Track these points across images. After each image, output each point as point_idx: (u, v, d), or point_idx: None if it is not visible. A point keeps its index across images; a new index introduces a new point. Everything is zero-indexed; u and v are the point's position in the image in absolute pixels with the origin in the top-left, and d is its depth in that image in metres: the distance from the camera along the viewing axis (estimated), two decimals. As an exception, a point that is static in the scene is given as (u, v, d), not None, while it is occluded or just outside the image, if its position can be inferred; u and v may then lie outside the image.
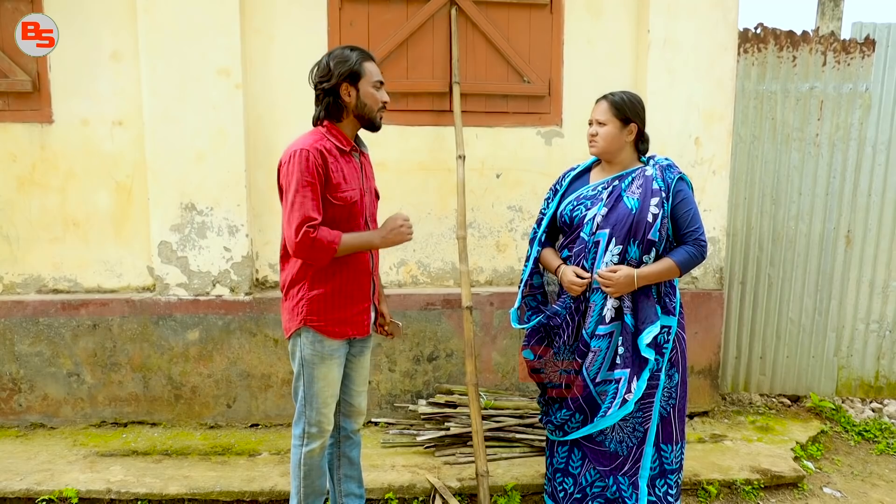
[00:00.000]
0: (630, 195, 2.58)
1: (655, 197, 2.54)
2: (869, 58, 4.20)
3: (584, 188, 2.72)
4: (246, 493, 3.11)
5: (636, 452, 2.67)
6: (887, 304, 4.45)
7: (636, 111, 2.64)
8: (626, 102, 2.63)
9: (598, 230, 2.60)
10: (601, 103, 2.66)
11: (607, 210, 2.59)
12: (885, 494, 3.36)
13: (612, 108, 2.62)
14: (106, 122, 3.69)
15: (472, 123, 3.83)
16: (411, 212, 3.89)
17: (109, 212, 3.76)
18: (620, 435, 2.66)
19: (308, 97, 3.78)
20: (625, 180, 2.64)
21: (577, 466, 2.76)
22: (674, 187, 2.58)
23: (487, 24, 3.78)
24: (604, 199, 2.62)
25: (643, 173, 2.62)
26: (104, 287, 3.82)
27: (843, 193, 4.33)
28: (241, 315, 3.75)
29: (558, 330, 2.72)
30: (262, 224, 3.83)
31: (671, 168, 2.64)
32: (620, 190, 2.61)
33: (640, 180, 2.60)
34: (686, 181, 2.65)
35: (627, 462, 2.67)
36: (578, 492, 2.74)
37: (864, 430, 4.06)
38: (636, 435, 2.66)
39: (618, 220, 2.56)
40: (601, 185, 2.68)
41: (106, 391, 3.77)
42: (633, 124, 2.63)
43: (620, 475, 2.68)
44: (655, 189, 2.55)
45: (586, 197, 2.69)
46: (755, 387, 4.53)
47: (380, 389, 3.87)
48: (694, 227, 2.60)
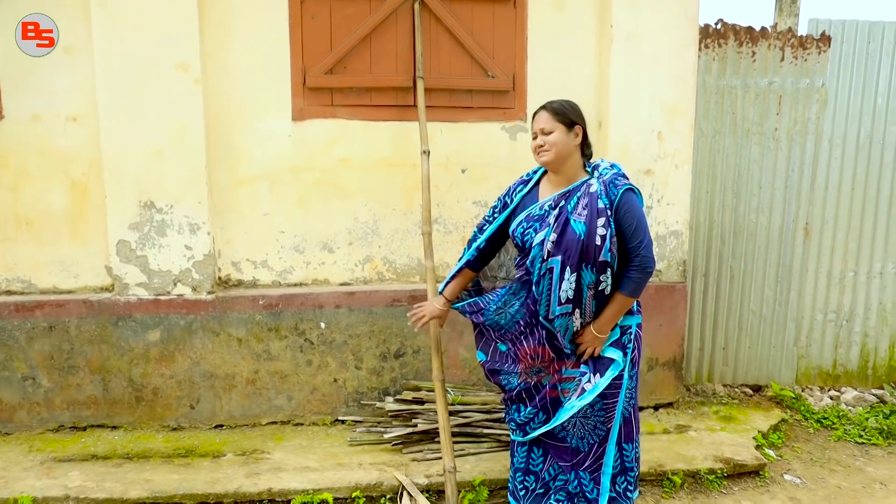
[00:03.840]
0: (577, 218, 2.50)
1: (601, 217, 2.47)
2: (825, 54, 4.29)
3: (533, 206, 2.66)
4: (210, 495, 3.05)
5: (598, 450, 2.67)
6: (844, 295, 4.56)
7: (578, 114, 2.61)
8: (566, 107, 2.59)
9: (549, 257, 2.54)
10: (541, 113, 2.61)
11: (556, 236, 2.52)
12: (842, 479, 3.44)
13: (555, 115, 2.57)
14: (59, 118, 3.58)
15: (437, 118, 3.81)
16: (376, 207, 3.87)
17: (64, 210, 3.66)
18: (582, 431, 2.66)
19: (269, 92, 3.76)
20: (571, 199, 2.56)
21: (537, 464, 2.77)
22: (617, 202, 2.51)
23: (451, 19, 3.76)
24: (552, 224, 2.55)
25: (588, 189, 2.54)
26: (60, 288, 3.71)
27: (801, 187, 4.42)
28: (204, 314, 3.68)
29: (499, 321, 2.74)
30: (224, 222, 3.76)
31: (616, 181, 2.55)
32: (567, 212, 2.54)
33: (585, 199, 2.52)
34: (633, 191, 2.58)
35: (589, 458, 2.68)
36: (541, 487, 2.75)
37: (822, 418, 4.15)
38: (598, 433, 2.66)
39: (568, 247, 2.49)
40: (548, 205, 2.62)
41: (63, 395, 3.67)
42: (578, 126, 2.59)
43: (582, 471, 2.69)
44: (601, 208, 2.48)
45: (535, 218, 2.63)
46: (718, 377, 4.60)
47: (346, 387, 3.84)
48: (637, 241, 2.52)
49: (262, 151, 3.74)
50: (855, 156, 4.40)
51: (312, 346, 3.78)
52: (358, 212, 3.86)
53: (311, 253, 3.86)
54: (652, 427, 3.84)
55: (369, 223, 3.88)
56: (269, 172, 3.76)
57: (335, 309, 3.77)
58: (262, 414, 3.81)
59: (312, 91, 3.74)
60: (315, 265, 3.87)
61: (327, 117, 3.77)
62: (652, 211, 3.94)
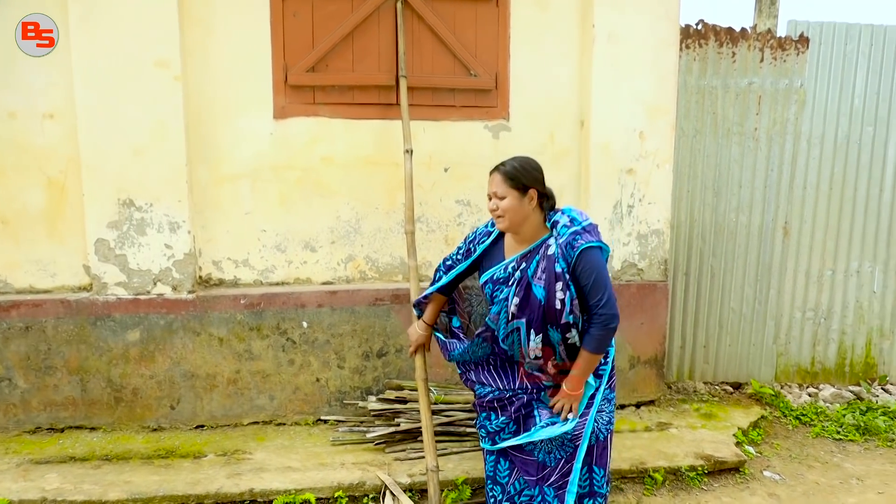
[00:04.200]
0: (537, 282, 2.52)
1: (559, 282, 2.47)
2: (803, 55, 4.35)
3: (497, 268, 2.66)
4: (190, 496, 3.02)
5: (564, 466, 2.61)
6: (822, 293, 4.62)
7: (532, 177, 2.53)
8: (518, 170, 2.51)
9: (514, 319, 2.56)
10: (495, 176, 2.52)
11: (519, 300, 2.54)
12: (820, 475, 3.49)
13: (507, 180, 2.49)
14: (36, 116, 3.52)
15: (420, 117, 3.80)
16: (359, 206, 3.86)
17: (41, 209, 3.60)
18: (549, 446, 2.62)
19: (250, 90, 3.73)
20: (531, 261, 2.56)
21: (504, 475, 2.73)
22: (573, 264, 2.49)
23: (434, 17, 3.76)
24: (514, 288, 2.57)
25: (547, 252, 2.53)
26: (37, 287, 3.66)
27: (780, 186, 4.47)
28: (185, 314, 3.65)
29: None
30: (204, 220, 3.73)
31: (574, 242, 2.50)
32: (528, 276, 2.55)
33: (544, 262, 2.52)
34: (591, 248, 2.51)
35: (555, 474, 2.62)
36: (507, 499, 2.72)
37: (801, 415, 4.21)
38: (566, 449, 2.61)
39: (531, 311, 2.52)
40: (511, 266, 2.61)
41: (40, 396, 3.61)
42: (533, 190, 2.52)
43: (547, 486, 2.63)
44: (559, 272, 2.48)
45: (500, 280, 2.64)
46: (699, 375, 4.65)
47: (329, 387, 3.83)
48: (597, 300, 2.49)
49: (244, 149, 3.71)
50: (833, 156, 4.46)
51: (294, 345, 3.76)
52: (340, 210, 3.85)
53: (293, 252, 3.84)
54: (634, 425, 3.86)
55: (352, 222, 3.87)
56: (251, 171, 3.73)
57: (317, 308, 3.75)
58: (243, 414, 3.78)
59: (294, 89, 3.72)
60: (297, 264, 3.85)
61: (309, 115, 3.75)
62: (634, 210, 3.96)
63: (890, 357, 4.74)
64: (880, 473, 3.52)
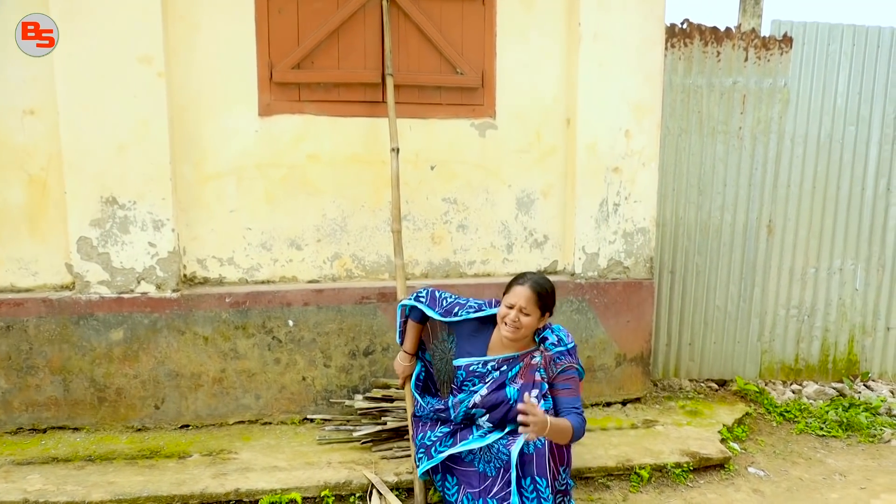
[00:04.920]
0: (512, 384, 2.69)
1: (535, 389, 2.64)
2: (787, 54, 4.38)
3: (477, 362, 2.79)
4: (175, 496, 2.99)
5: (504, 475, 2.60)
6: (805, 290, 4.66)
7: (553, 301, 2.74)
8: (549, 295, 2.71)
9: (475, 407, 2.73)
10: (526, 292, 2.66)
11: (488, 392, 2.71)
12: (804, 471, 3.52)
13: (539, 301, 2.67)
14: (16, 112, 3.47)
15: (406, 115, 3.79)
16: (345, 204, 3.84)
17: (22, 206, 3.55)
18: (488, 455, 2.66)
19: (235, 87, 3.70)
20: (514, 367, 2.73)
21: (452, 492, 2.77)
22: (555, 377, 2.69)
23: (420, 15, 3.75)
24: (487, 383, 2.74)
25: (531, 361, 2.71)
26: (18, 286, 3.61)
27: (764, 185, 4.50)
28: (169, 313, 3.61)
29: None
30: (189, 218, 3.69)
31: (559, 360, 2.70)
32: (506, 377, 2.71)
33: (526, 371, 2.70)
34: (572, 368, 2.71)
35: (496, 485, 2.62)
36: None
37: (785, 411, 4.24)
38: (502, 457, 2.62)
39: (494, 405, 2.70)
40: (491, 365, 2.77)
41: (22, 396, 3.57)
42: (548, 313, 2.73)
43: (490, 497, 2.63)
44: (537, 380, 2.66)
45: (475, 374, 2.79)
46: (685, 372, 4.67)
47: (315, 385, 3.81)
48: (576, 403, 2.65)
49: (229, 147, 3.68)
50: (816, 155, 4.50)
51: (280, 344, 3.74)
52: (326, 209, 3.83)
53: (278, 250, 3.81)
54: (620, 422, 3.88)
55: (338, 220, 3.85)
56: (236, 168, 3.70)
57: (303, 307, 3.73)
58: (229, 413, 3.75)
59: (279, 86, 3.69)
60: (283, 262, 3.83)
61: (294, 113, 3.73)
62: (620, 208, 3.98)
63: (872, 354, 4.79)
64: (862, 469, 3.56)
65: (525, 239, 4.05)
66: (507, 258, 4.04)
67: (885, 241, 4.64)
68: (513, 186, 3.99)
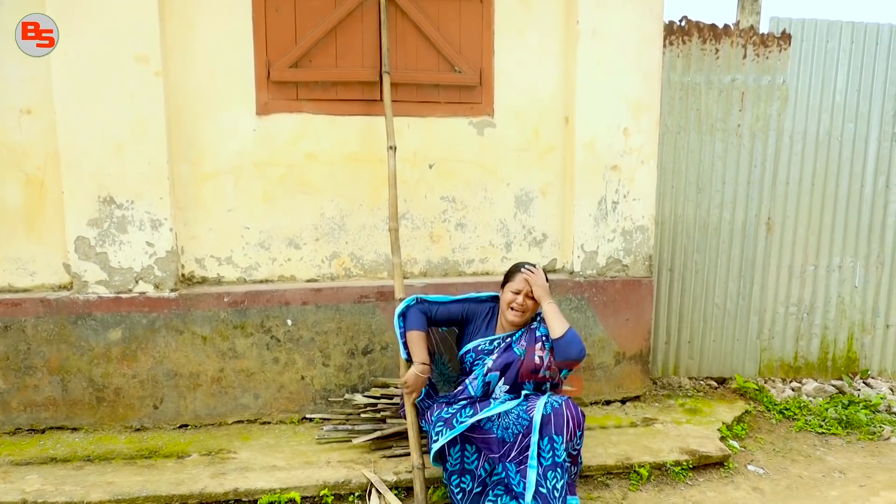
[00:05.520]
0: (517, 346, 2.93)
1: (538, 343, 2.91)
2: (786, 51, 4.37)
3: (484, 340, 3.03)
4: (174, 496, 2.99)
5: (522, 441, 2.73)
6: (805, 288, 4.66)
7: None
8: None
9: (489, 372, 2.93)
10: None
11: (497, 356, 2.94)
12: (803, 469, 3.52)
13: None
14: (13, 111, 3.46)
15: (404, 113, 3.78)
16: (343, 203, 3.84)
17: (19, 206, 3.54)
18: (506, 421, 2.77)
19: (232, 86, 3.69)
20: (516, 336, 3.00)
21: (472, 462, 2.85)
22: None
23: (418, 13, 3.74)
24: (495, 354, 2.98)
25: (531, 328, 2.99)
26: (16, 286, 3.60)
27: (763, 182, 4.50)
28: (167, 312, 3.61)
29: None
30: (187, 218, 3.69)
31: None
32: (511, 342, 2.98)
33: (527, 334, 2.97)
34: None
35: (514, 449, 2.74)
36: (478, 485, 2.81)
37: (784, 409, 4.24)
38: (521, 423, 2.75)
39: (506, 364, 2.90)
40: (497, 341, 3.02)
41: (20, 396, 3.56)
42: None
43: (508, 462, 2.75)
44: (538, 336, 2.93)
45: (483, 351, 3.02)
46: (684, 370, 4.67)
47: (314, 385, 3.80)
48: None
49: (226, 146, 3.68)
50: (815, 152, 4.50)
51: (279, 343, 3.73)
52: (324, 207, 3.82)
53: (276, 249, 3.81)
54: (619, 420, 3.87)
55: (336, 219, 3.84)
56: (234, 167, 3.70)
57: (302, 306, 3.73)
58: (227, 413, 3.75)
59: (277, 85, 3.68)
60: (281, 261, 3.82)
61: (292, 111, 3.72)
62: (618, 206, 3.97)
63: (871, 351, 4.79)
64: (862, 466, 3.56)
65: (524, 237, 4.05)
66: (506, 257, 4.04)
67: (884, 239, 4.64)
68: (511, 185, 3.98)
